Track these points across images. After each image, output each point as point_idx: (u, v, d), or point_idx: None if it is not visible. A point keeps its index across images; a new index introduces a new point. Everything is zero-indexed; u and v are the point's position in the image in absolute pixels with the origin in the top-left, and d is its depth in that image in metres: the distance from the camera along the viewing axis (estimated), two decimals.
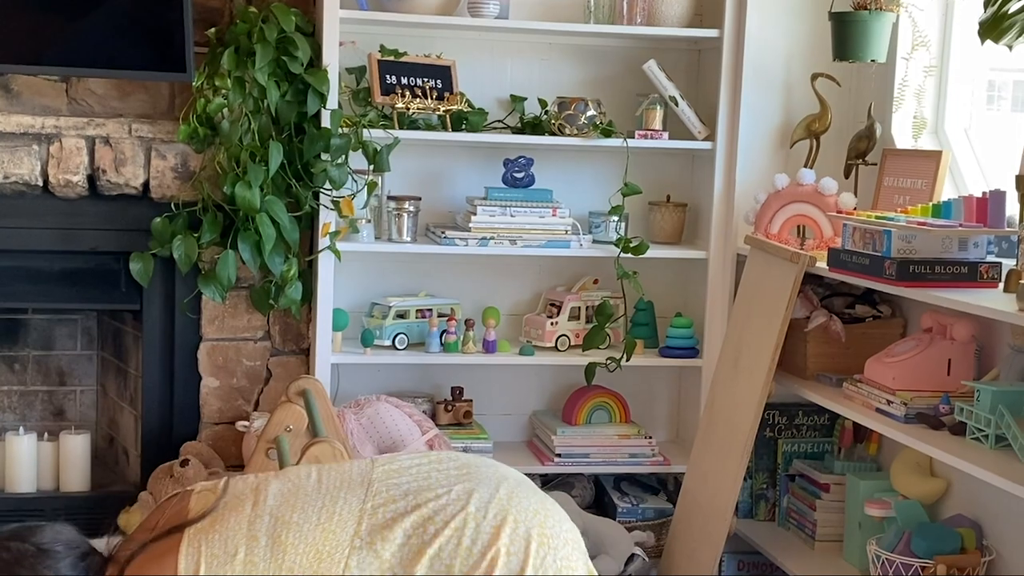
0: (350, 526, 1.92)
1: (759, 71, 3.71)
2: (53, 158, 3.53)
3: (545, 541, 1.94)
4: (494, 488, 1.98)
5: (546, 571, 1.91)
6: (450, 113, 3.68)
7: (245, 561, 1.89)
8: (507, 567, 1.89)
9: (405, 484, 1.99)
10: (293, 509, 1.94)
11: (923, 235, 2.89)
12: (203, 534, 1.93)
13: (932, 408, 2.95)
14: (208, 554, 1.91)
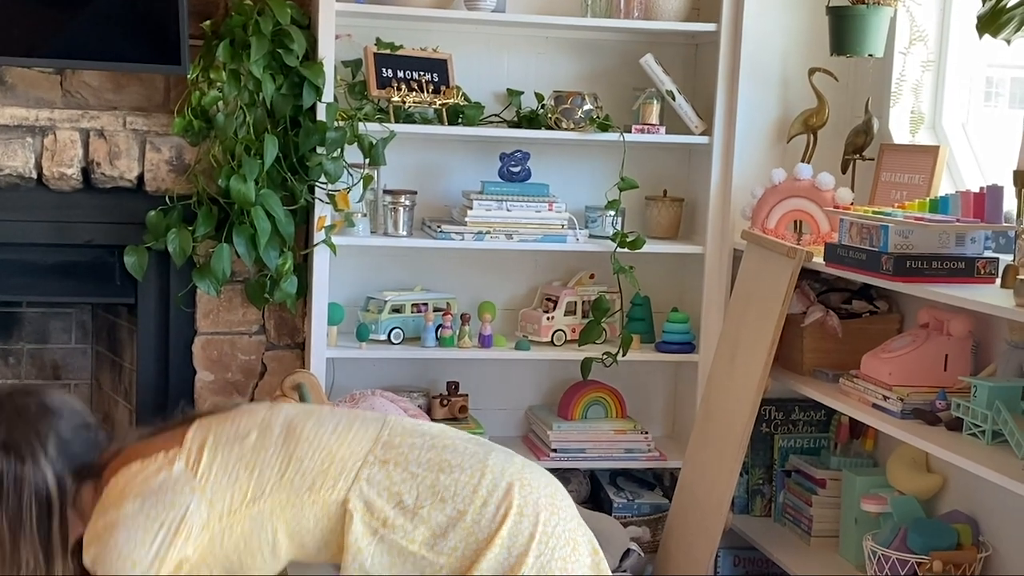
0: (366, 443, 1.96)
1: (756, 65, 3.70)
2: (47, 151, 3.52)
3: (556, 512, 1.95)
4: (510, 457, 2.02)
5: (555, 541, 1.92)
6: (446, 107, 3.66)
7: (255, 444, 1.91)
8: (516, 528, 1.89)
9: (424, 429, 2.03)
10: (310, 418, 2.00)
11: (920, 230, 2.88)
12: (214, 421, 1.97)
13: (929, 404, 2.95)
14: (218, 431, 1.94)
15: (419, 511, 1.89)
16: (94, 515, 1.89)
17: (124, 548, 1.83)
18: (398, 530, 1.89)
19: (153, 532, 1.84)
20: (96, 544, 1.85)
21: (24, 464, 1.86)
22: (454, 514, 1.88)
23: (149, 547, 1.84)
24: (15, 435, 1.88)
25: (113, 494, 1.87)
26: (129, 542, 1.83)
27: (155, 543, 1.84)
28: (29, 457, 1.87)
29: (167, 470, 1.88)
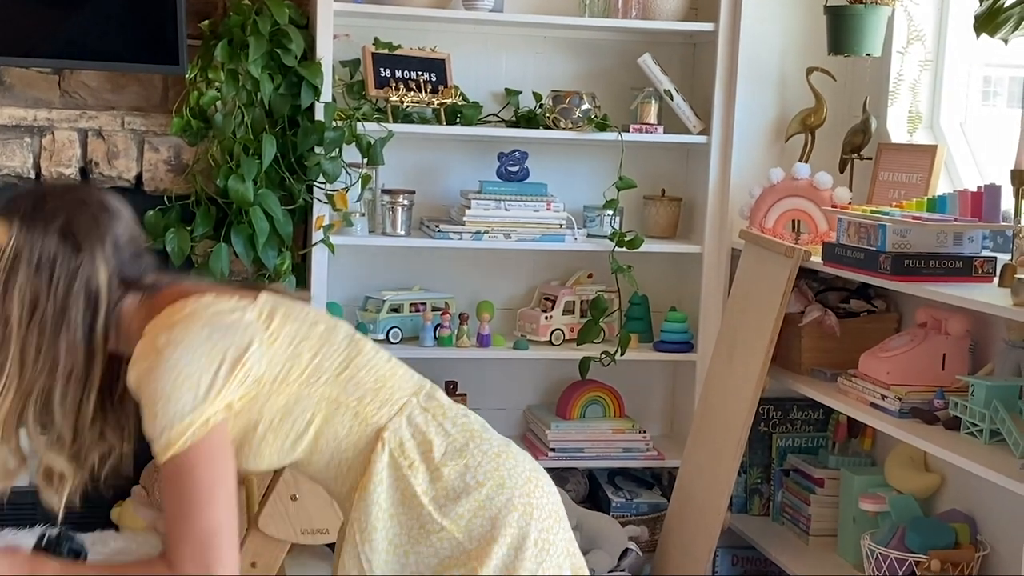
0: (413, 386, 1.97)
1: (754, 65, 3.71)
2: (46, 150, 3.52)
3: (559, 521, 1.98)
4: (526, 454, 2.02)
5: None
6: (444, 106, 3.67)
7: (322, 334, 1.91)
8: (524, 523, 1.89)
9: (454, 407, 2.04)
10: (368, 341, 1.99)
11: (918, 229, 2.88)
12: (283, 298, 1.95)
13: (926, 403, 2.95)
14: (289, 306, 1.92)
15: (442, 467, 1.88)
16: (151, 330, 1.80)
17: (184, 367, 1.76)
18: (418, 477, 1.87)
19: (216, 361, 1.78)
20: (151, 358, 1.77)
21: (80, 253, 1.80)
22: (472, 483, 1.88)
23: (208, 374, 1.77)
24: (75, 224, 1.82)
25: (179, 315, 1.80)
26: (191, 364, 1.76)
27: (214, 372, 1.78)
28: (87, 248, 1.81)
29: (240, 313, 1.84)
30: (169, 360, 1.75)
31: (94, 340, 1.82)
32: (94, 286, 1.81)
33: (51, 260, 1.78)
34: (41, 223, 1.80)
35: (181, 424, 1.74)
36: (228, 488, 1.79)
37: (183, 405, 1.74)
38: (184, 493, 1.75)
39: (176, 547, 1.74)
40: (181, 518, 1.74)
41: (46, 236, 1.79)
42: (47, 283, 1.78)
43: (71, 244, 1.80)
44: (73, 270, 1.79)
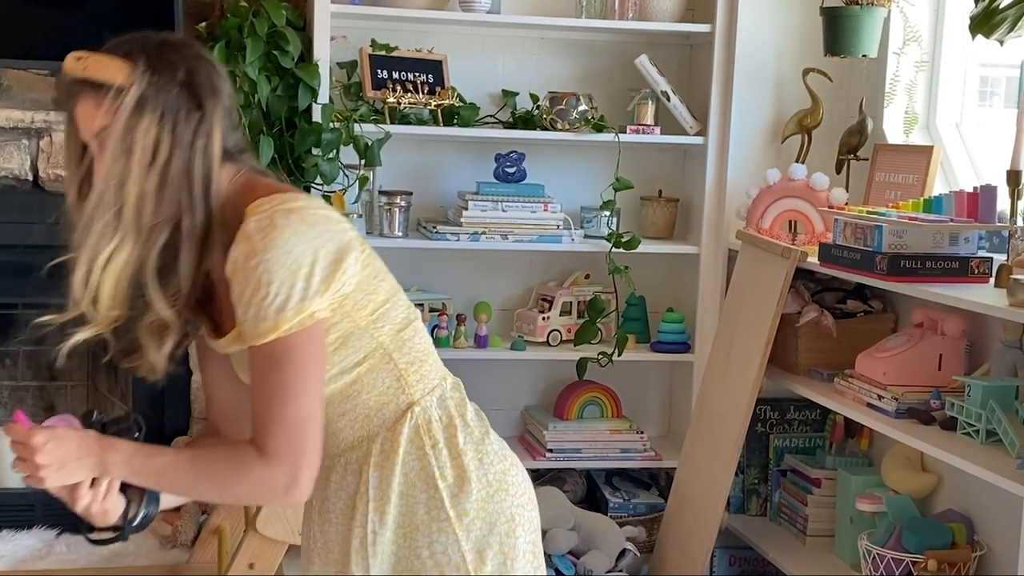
0: (443, 370, 1.94)
1: (750, 66, 3.71)
2: (43, 152, 3.52)
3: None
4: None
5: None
6: (441, 108, 3.67)
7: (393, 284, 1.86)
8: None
9: None
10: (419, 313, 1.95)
11: (914, 230, 2.89)
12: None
13: (923, 403, 2.96)
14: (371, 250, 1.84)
15: (463, 455, 1.85)
16: (263, 211, 1.71)
17: (300, 256, 1.68)
18: (440, 459, 1.84)
19: (331, 257, 1.72)
20: (267, 238, 1.68)
21: (200, 110, 1.72)
22: (483, 479, 1.86)
23: (321, 268, 1.71)
24: (196, 79, 1.73)
25: (293, 204, 1.72)
26: (306, 255, 1.69)
27: (328, 268, 1.71)
28: (208, 106, 1.73)
29: (345, 223, 1.79)
30: (286, 245, 1.68)
31: (210, 201, 1.74)
32: (211, 146, 1.74)
33: (175, 111, 1.70)
34: (166, 71, 1.71)
35: (292, 309, 1.68)
36: (321, 380, 1.75)
37: (297, 291, 1.68)
38: (282, 377, 1.69)
39: (268, 431, 1.69)
40: (276, 402, 1.69)
41: (170, 85, 1.71)
42: (170, 133, 1.70)
43: (193, 99, 1.72)
44: (195, 125, 1.72)
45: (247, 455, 1.71)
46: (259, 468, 1.70)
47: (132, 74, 1.69)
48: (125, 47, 1.72)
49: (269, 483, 1.71)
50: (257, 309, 1.68)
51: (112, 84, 1.69)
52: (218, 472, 1.74)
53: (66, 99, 1.74)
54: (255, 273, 1.68)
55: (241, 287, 1.69)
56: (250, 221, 1.70)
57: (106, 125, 1.69)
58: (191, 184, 1.72)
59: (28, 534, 3.55)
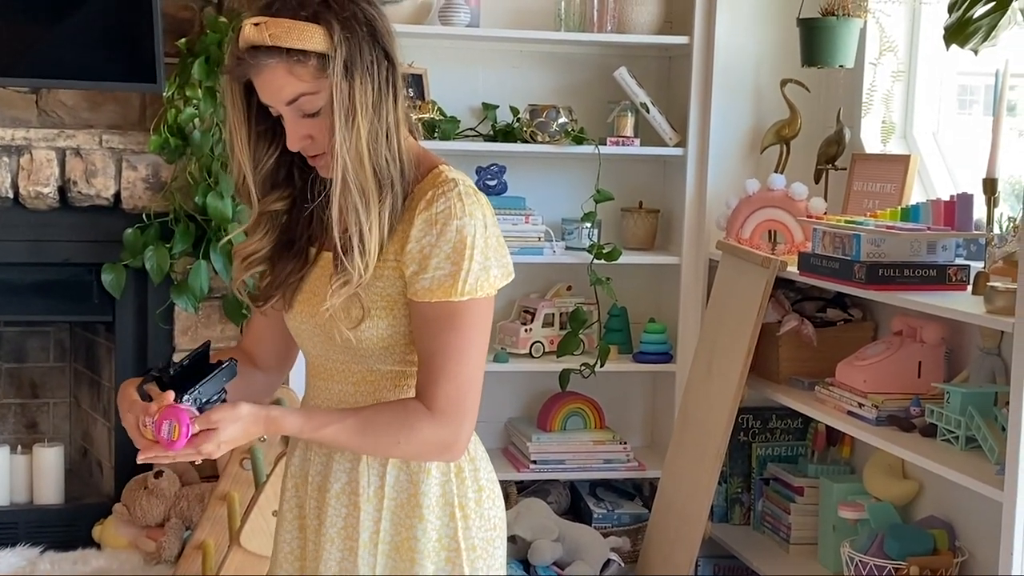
0: None
1: (729, 77, 3.73)
2: (24, 170, 3.52)
3: None
4: None
5: None
6: (422, 121, 3.68)
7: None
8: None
9: None
10: None
11: (892, 239, 2.91)
12: None
13: (903, 410, 2.97)
14: None
15: (481, 492, 1.85)
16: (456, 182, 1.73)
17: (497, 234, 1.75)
18: (462, 489, 1.83)
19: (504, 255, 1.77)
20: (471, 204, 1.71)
21: (389, 61, 1.71)
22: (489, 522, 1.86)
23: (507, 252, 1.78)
24: (378, 26, 1.71)
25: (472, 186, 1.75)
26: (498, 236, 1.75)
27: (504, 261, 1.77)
28: (392, 53, 1.72)
29: None
30: (488, 218, 1.73)
31: (404, 154, 1.75)
32: (400, 96, 1.74)
33: (374, 67, 1.69)
34: (356, 28, 1.68)
35: (492, 277, 1.72)
36: (486, 345, 1.79)
37: (496, 261, 1.73)
38: (462, 336, 1.72)
39: (440, 387, 1.72)
40: (452, 360, 1.72)
41: (363, 42, 1.68)
42: (377, 91, 1.69)
43: (381, 50, 1.71)
44: (388, 76, 1.71)
45: (417, 413, 1.72)
46: (427, 424, 1.72)
47: (331, 39, 1.66)
48: (308, 8, 1.67)
49: (437, 440, 1.73)
50: (455, 268, 1.70)
51: (309, 51, 1.66)
52: (390, 434, 1.73)
53: (246, 67, 1.68)
54: (460, 233, 1.70)
55: (436, 239, 1.70)
56: (457, 180, 1.73)
57: (304, 92, 1.67)
58: (394, 136, 1.72)
59: (12, 552, 3.54)
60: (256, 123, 1.76)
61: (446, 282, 1.70)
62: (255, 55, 1.67)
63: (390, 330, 1.77)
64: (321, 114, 1.70)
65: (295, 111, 1.70)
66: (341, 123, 1.67)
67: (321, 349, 1.85)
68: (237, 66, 1.70)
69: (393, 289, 1.75)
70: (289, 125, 1.71)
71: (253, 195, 1.81)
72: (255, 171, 1.79)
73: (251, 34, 1.66)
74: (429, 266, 1.70)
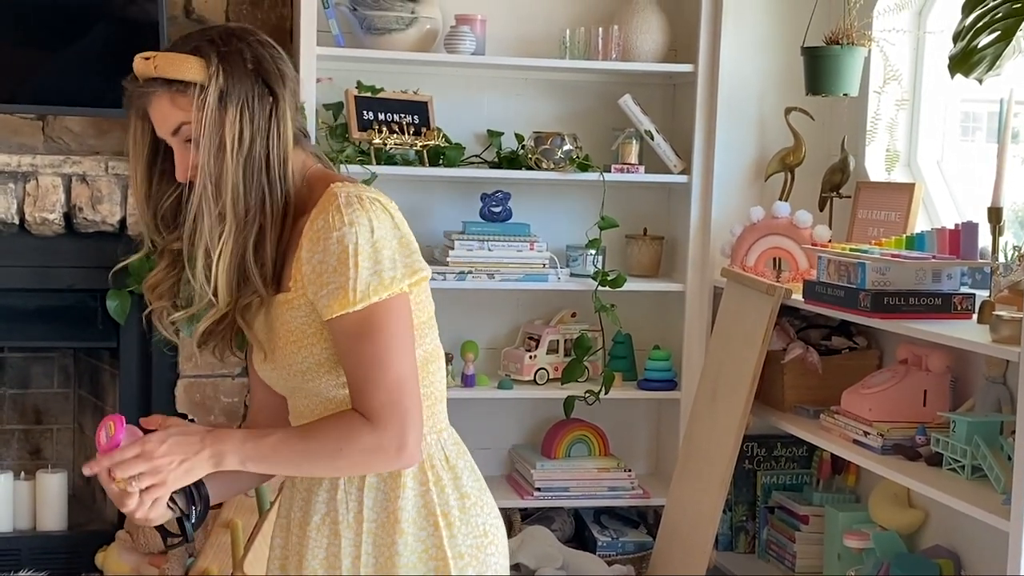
0: (446, 419, 1.96)
1: (733, 105, 3.74)
2: (29, 196, 3.53)
3: None
4: None
5: None
6: (427, 148, 3.69)
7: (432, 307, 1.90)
8: None
9: None
10: None
11: (897, 267, 2.91)
12: None
13: (909, 439, 2.97)
14: None
15: (464, 499, 1.86)
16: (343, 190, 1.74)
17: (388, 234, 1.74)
18: (442, 498, 1.83)
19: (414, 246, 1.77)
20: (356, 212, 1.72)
21: (273, 96, 1.76)
22: (476, 528, 1.86)
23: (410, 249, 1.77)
24: (265, 64, 1.77)
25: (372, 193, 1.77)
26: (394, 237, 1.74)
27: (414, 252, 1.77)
28: (278, 92, 1.77)
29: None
30: (375, 221, 1.73)
31: (288, 183, 1.78)
32: (284, 131, 1.77)
33: (251, 100, 1.74)
34: (237, 62, 1.75)
35: (385, 279, 1.72)
36: (411, 343, 1.77)
37: (388, 263, 1.72)
38: (378, 342, 1.71)
39: (370, 396, 1.71)
40: (374, 368, 1.71)
41: (243, 75, 1.74)
42: (250, 122, 1.74)
43: (264, 86, 1.76)
44: (270, 111, 1.76)
45: (355, 422, 1.72)
46: (368, 434, 1.71)
47: (207, 70, 1.72)
48: (191, 43, 1.76)
49: (379, 447, 1.72)
50: (341, 279, 1.70)
51: (187, 81, 1.72)
52: (329, 443, 1.73)
53: (137, 99, 1.76)
54: (341, 243, 1.70)
55: (322, 256, 1.71)
56: (339, 193, 1.73)
57: (185, 121, 1.73)
58: (271, 168, 1.76)
59: None
60: (162, 161, 1.81)
61: (338, 294, 1.71)
62: (144, 87, 1.75)
63: (326, 354, 1.78)
64: (196, 142, 1.74)
65: (180, 141, 1.75)
66: (204, 150, 1.72)
67: (287, 389, 1.89)
68: (130, 98, 1.77)
69: (311, 315, 1.77)
70: (177, 155, 1.77)
71: (152, 231, 1.88)
72: (151, 207, 1.84)
73: (140, 67, 1.75)
74: (323, 283, 1.72)
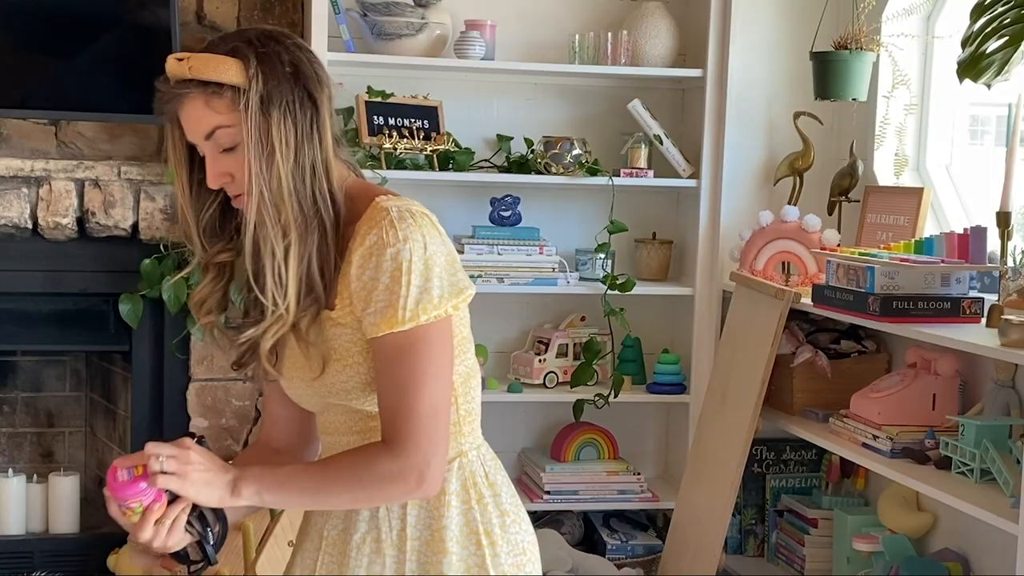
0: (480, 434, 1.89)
1: (742, 110, 3.76)
2: (43, 201, 3.55)
3: None
4: None
5: None
6: (437, 153, 3.70)
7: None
8: None
9: None
10: None
11: (906, 271, 2.92)
12: None
13: (918, 442, 2.98)
14: None
15: (505, 516, 1.81)
16: (391, 205, 1.68)
17: (439, 253, 1.68)
18: (485, 516, 1.79)
19: (458, 265, 1.72)
20: (407, 228, 1.66)
21: (314, 102, 1.69)
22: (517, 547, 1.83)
23: (458, 269, 1.71)
24: (304, 68, 1.69)
25: (418, 208, 1.70)
26: (443, 255, 1.68)
27: (460, 272, 1.71)
28: (319, 98, 1.70)
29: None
30: (424, 239, 1.67)
31: (335, 192, 1.72)
32: (326, 137, 1.71)
33: (293, 105, 1.67)
34: (276, 65, 1.67)
35: (435, 298, 1.66)
36: (451, 371, 1.72)
37: (437, 281, 1.67)
38: (414, 368, 1.66)
39: (402, 421, 1.66)
40: (409, 393, 1.66)
41: (283, 79, 1.67)
42: (294, 127, 1.67)
43: (304, 90, 1.69)
44: (311, 117, 1.69)
45: (375, 451, 1.68)
46: (388, 462, 1.66)
47: (246, 72, 1.66)
48: (227, 44, 1.69)
49: (401, 475, 1.67)
50: (392, 297, 1.66)
51: (224, 83, 1.66)
52: (349, 473, 1.69)
53: (168, 101, 1.70)
54: (395, 260, 1.65)
55: (374, 272, 1.66)
56: (390, 208, 1.68)
57: (220, 125, 1.67)
58: (318, 176, 1.69)
59: None
60: (198, 169, 1.74)
61: (387, 312, 1.66)
62: (176, 88, 1.68)
63: (370, 375, 1.73)
64: (238, 150, 1.68)
65: (214, 146, 1.69)
66: (255, 156, 1.66)
67: (321, 405, 1.83)
68: (162, 100, 1.71)
69: (356, 333, 1.72)
70: (209, 161, 1.70)
71: (196, 243, 1.79)
72: (197, 218, 1.77)
73: (173, 68, 1.68)
74: (372, 300, 1.67)
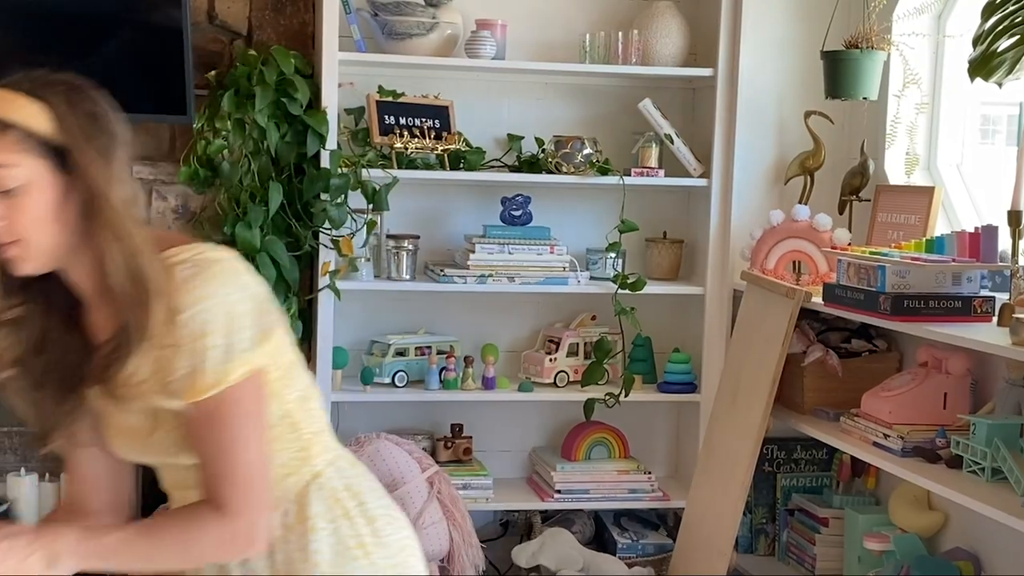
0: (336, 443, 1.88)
1: (753, 109, 3.76)
2: None
3: None
4: None
5: None
6: (448, 152, 3.71)
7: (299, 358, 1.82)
8: None
9: None
10: None
11: (917, 270, 2.92)
12: None
13: (929, 441, 2.97)
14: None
15: (374, 522, 1.81)
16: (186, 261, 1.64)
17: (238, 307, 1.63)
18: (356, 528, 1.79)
19: (266, 310, 1.68)
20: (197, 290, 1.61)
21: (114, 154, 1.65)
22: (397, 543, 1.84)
23: (262, 319, 1.66)
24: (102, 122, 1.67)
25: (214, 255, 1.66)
26: (243, 304, 1.64)
27: (266, 319, 1.66)
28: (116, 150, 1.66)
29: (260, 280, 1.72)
30: (222, 295, 1.62)
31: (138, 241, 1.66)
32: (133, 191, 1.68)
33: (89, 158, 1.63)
34: (80, 115, 1.65)
35: (237, 360, 1.62)
36: (266, 425, 1.70)
37: (240, 342, 1.62)
38: (228, 431, 1.64)
39: (221, 486, 1.65)
40: (225, 456, 1.64)
41: (84, 130, 1.64)
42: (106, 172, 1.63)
43: (103, 141, 1.66)
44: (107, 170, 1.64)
45: (202, 513, 1.67)
46: (216, 524, 1.66)
47: (50, 119, 1.63)
48: (33, 86, 1.66)
49: (230, 537, 1.67)
50: (194, 361, 1.61)
51: (20, 126, 1.61)
52: (176, 536, 1.68)
53: None
54: (189, 326, 1.61)
55: (172, 339, 1.61)
56: (175, 271, 1.63)
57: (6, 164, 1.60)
58: (134, 233, 1.65)
59: None
60: None
61: (191, 380, 1.62)
62: None
63: (184, 434, 1.69)
64: (15, 194, 1.61)
65: None
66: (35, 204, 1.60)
67: (155, 463, 1.80)
68: None
69: (162, 397, 1.67)
70: None
71: None
72: None
73: None
74: (173, 368, 1.63)
